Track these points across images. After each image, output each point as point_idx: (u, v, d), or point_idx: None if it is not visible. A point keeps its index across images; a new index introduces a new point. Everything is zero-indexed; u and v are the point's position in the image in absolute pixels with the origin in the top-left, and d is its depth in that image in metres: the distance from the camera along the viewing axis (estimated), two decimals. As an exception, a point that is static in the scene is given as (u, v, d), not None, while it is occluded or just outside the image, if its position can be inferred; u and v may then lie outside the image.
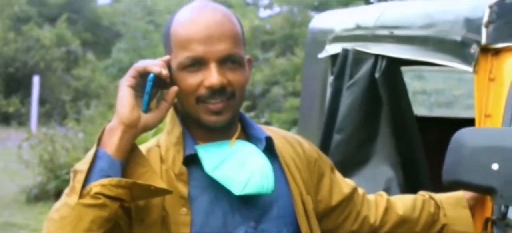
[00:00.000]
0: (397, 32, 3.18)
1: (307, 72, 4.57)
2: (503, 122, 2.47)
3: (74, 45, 22.00)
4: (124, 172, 1.90)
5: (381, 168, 3.27)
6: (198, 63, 1.97)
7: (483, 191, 2.31)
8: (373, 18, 3.42)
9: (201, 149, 2.03)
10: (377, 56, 3.24)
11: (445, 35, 2.77)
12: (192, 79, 1.98)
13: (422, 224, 2.44)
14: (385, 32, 3.25)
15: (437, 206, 2.47)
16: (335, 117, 3.44)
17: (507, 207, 2.30)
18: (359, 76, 3.32)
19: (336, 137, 3.36)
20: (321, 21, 4.43)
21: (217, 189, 2.00)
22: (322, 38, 4.04)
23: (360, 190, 2.43)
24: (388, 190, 3.24)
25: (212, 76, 1.95)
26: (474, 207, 2.48)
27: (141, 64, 1.93)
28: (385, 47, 3.21)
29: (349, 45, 3.49)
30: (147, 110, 1.93)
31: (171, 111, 2.08)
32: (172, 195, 1.96)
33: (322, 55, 3.89)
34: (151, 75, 1.91)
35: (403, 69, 3.34)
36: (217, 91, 1.97)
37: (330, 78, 3.80)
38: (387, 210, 2.42)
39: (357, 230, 2.38)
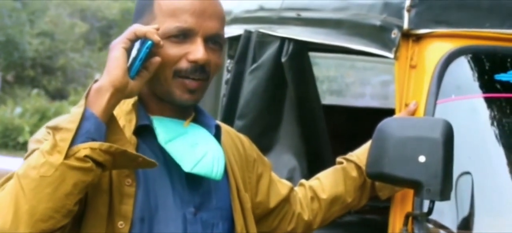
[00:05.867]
0: (305, 14, 3.03)
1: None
2: (425, 112, 2.35)
3: None
4: None
5: (284, 157, 3.14)
6: (184, 35, 1.89)
7: (408, 185, 2.19)
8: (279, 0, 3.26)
9: (156, 120, 1.94)
10: (283, 39, 3.08)
11: (362, 18, 2.64)
12: (174, 50, 1.88)
13: (352, 192, 2.40)
14: (292, 14, 3.09)
15: (358, 167, 2.40)
16: (236, 102, 3.27)
17: (433, 202, 2.18)
18: (263, 59, 3.17)
19: (238, 124, 3.19)
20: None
21: (162, 167, 1.91)
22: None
23: (295, 189, 2.38)
24: (291, 180, 3.10)
25: (199, 51, 1.88)
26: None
27: (142, 29, 1.80)
28: (293, 29, 3.06)
29: (252, 27, 3.32)
30: (134, 76, 1.81)
31: None
32: None
33: (219, 36, 3.70)
34: (150, 42, 1.80)
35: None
36: (199, 68, 1.89)
37: (227, 61, 3.63)
38: (313, 199, 2.38)
39: (292, 229, 2.33)
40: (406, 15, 2.42)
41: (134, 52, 1.81)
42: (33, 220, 1.67)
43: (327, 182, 2.39)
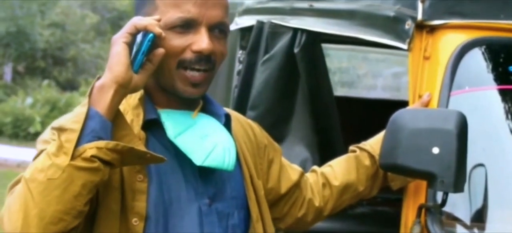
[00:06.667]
0: (317, 5, 3.01)
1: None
2: (438, 103, 2.34)
3: None
4: None
5: (296, 148, 3.12)
6: (187, 25, 1.85)
7: (422, 176, 2.18)
8: (291, -10, 3.25)
9: (164, 114, 1.92)
10: (296, 30, 3.06)
11: (376, 9, 2.62)
12: (178, 41, 1.86)
13: (364, 180, 2.38)
14: (305, 4, 3.08)
15: (371, 156, 2.38)
16: (248, 93, 3.25)
17: (446, 194, 2.17)
18: (276, 50, 3.15)
19: (250, 114, 3.17)
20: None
21: (173, 160, 1.89)
22: (229, 10, 3.83)
23: (306, 175, 2.36)
24: (303, 172, 3.11)
25: (203, 41, 1.84)
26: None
27: (142, 21, 1.77)
28: (306, 20, 3.04)
29: (264, 18, 3.30)
30: (137, 70, 1.78)
31: None
32: None
33: (231, 27, 3.68)
34: (151, 35, 1.77)
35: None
36: (204, 57, 1.86)
37: (239, 52, 3.62)
38: (324, 186, 2.36)
39: (303, 215, 2.32)
40: (420, 6, 2.40)
41: (136, 46, 1.78)
42: (43, 223, 1.65)
43: (340, 170, 2.38)
